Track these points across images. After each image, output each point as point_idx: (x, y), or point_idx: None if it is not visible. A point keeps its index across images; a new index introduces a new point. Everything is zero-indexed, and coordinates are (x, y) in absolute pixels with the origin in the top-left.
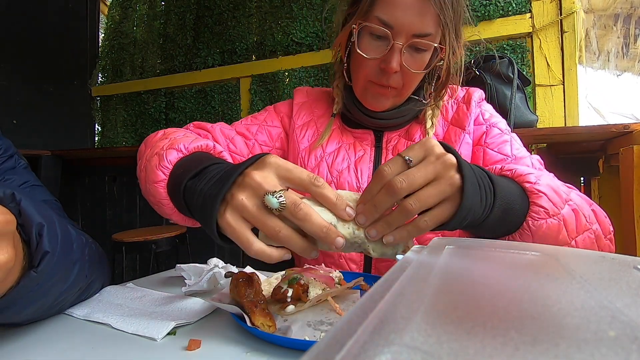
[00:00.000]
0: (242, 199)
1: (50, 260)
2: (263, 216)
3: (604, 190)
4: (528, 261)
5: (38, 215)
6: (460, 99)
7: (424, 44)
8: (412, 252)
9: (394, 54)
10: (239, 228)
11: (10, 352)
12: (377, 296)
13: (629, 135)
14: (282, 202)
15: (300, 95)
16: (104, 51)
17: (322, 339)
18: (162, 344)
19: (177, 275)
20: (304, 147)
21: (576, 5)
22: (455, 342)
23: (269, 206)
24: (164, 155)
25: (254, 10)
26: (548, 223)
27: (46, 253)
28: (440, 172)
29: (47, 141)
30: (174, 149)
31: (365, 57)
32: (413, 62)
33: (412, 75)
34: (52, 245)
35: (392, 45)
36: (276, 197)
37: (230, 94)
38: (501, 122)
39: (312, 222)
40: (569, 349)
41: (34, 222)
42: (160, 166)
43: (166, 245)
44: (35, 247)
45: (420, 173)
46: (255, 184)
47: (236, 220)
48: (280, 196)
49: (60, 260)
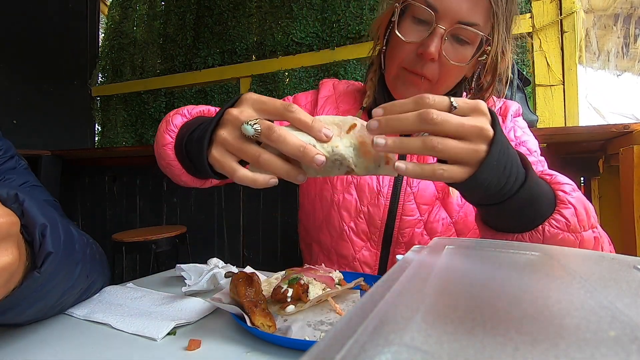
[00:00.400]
0: (223, 133)
1: (53, 261)
2: (242, 144)
3: (604, 190)
4: (528, 261)
5: (41, 216)
6: (497, 109)
7: (469, 34)
8: (412, 252)
9: (434, 38)
10: (223, 159)
11: (11, 352)
12: (377, 296)
13: (629, 135)
14: (257, 128)
15: (326, 89)
16: (104, 51)
17: (322, 339)
18: (162, 344)
19: (177, 275)
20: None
21: (576, 5)
22: (455, 342)
23: (247, 134)
24: (171, 120)
25: (254, 10)
26: (565, 236)
27: (49, 254)
28: (473, 136)
29: (47, 141)
30: (179, 114)
31: (403, 41)
32: (454, 53)
33: (450, 67)
34: (55, 246)
35: (434, 29)
36: (251, 124)
37: (230, 94)
38: (531, 142)
39: (287, 142)
40: (569, 349)
41: (38, 222)
42: (167, 130)
43: (166, 245)
44: (38, 247)
45: (457, 123)
46: (232, 118)
47: (221, 154)
48: (255, 123)
49: (62, 261)
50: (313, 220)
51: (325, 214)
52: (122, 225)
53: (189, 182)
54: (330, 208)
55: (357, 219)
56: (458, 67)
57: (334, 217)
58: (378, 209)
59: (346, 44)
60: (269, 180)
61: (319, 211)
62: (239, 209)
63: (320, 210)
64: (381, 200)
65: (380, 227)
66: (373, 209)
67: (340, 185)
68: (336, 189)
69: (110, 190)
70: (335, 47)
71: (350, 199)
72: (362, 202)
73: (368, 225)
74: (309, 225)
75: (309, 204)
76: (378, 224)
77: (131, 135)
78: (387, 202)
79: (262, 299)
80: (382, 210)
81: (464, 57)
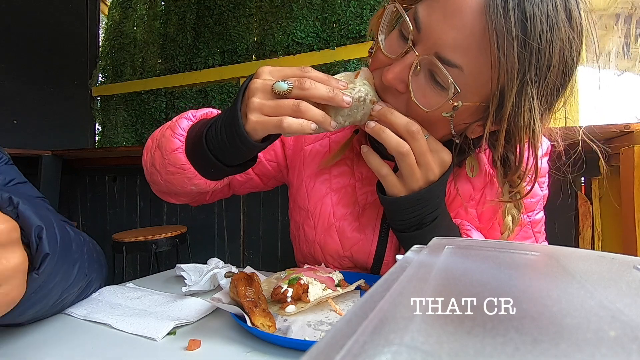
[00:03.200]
0: (255, 100)
1: (51, 262)
2: (279, 102)
3: (604, 190)
4: (528, 261)
5: (36, 218)
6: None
7: (443, 73)
8: (412, 252)
9: (402, 63)
10: (265, 120)
11: (11, 352)
12: (377, 296)
13: (629, 135)
14: (289, 83)
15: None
16: (104, 51)
17: (322, 339)
18: (162, 344)
19: (177, 275)
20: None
21: None
22: (455, 342)
23: (280, 91)
24: (177, 125)
25: (254, 10)
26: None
27: (47, 255)
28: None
29: (47, 141)
30: (184, 118)
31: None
32: (421, 93)
33: (417, 109)
34: (52, 247)
35: (406, 52)
36: (283, 81)
37: (231, 94)
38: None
39: (318, 88)
40: (569, 349)
41: (33, 225)
42: (175, 135)
43: (166, 245)
44: (35, 249)
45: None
46: (260, 85)
47: (260, 117)
48: (285, 80)
49: (60, 261)
50: (299, 248)
51: (310, 250)
52: (123, 225)
53: (201, 184)
54: (313, 246)
55: (341, 260)
56: (424, 114)
57: (317, 254)
58: (363, 255)
59: (347, 43)
60: (311, 125)
61: (304, 245)
62: (239, 209)
63: (305, 245)
64: (366, 247)
65: (367, 269)
66: (357, 255)
67: (321, 225)
68: (316, 228)
69: (110, 190)
70: (335, 47)
71: (331, 242)
72: (345, 247)
73: (354, 265)
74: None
75: (295, 230)
76: (364, 266)
77: (131, 135)
78: (372, 247)
79: (262, 299)
80: (368, 256)
81: (433, 100)
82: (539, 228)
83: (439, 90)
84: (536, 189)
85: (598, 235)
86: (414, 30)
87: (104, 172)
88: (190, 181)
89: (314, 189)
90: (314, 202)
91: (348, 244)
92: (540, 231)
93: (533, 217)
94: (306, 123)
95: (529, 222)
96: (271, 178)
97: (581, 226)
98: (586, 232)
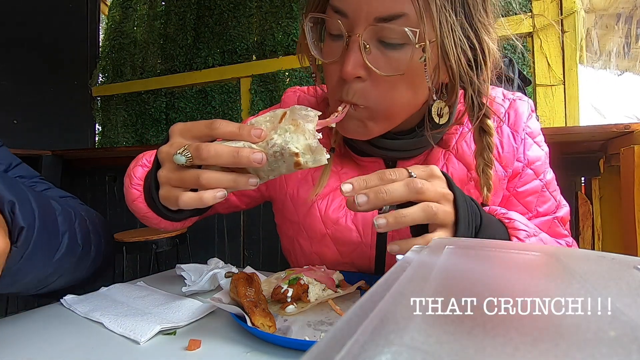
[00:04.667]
0: (162, 172)
1: (28, 235)
2: (181, 174)
3: (604, 190)
4: (528, 261)
5: (8, 192)
6: (504, 117)
7: (394, 31)
8: (412, 252)
9: (351, 52)
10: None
11: (12, 352)
12: (377, 296)
13: (629, 135)
14: (187, 154)
15: (290, 102)
16: (104, 51)
17: (322, 339)
18: (162, 344)
19: (177, 275)
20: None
21: (577, 5)
22: (455, 342)
23: (180, 163)
24: (133, 174)
25: (254, 10)
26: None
27: (22, 228)
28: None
29: (47, 141)
30: (139, 166)
31: (327, 64)
32: (385, 62)
33: (387, 84)
34: (28, 221)
35: (348, 40)
36: (180, 153)
37: (231, 94)
38: (541, 159)
39: (219, 154)
40: (569, 349)
41: (5, 200)
42: (132, 185)
43: (166, 245)
44: (10, 223)
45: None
46: (165, 155)
47: (167, 191)
48: (184, 150)
49: (41, 232)
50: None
51: (308, 262)
52: (123, 225)
53: (168, 227)
54: (310, 257)
55: (342, 267)
56: (400, 83)
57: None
58: (364, 260)
59: None
60: (215, 194)
61: (301, 258)
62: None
63: (302, 258)
64: (365, 251)
65: (369, 273)
66: (358, 261)
67: (313, 235)
68: (311, 240)
69: (110, 190)
70: None
71: (328, 251)
72: (344, 255)
73: (356, 269)
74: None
75: (288, 243)
76: (366, 270)
77: (131, 135)
78: (372, 251)
79: (262, 299)
80: (369, 260)
81: (399, 63)
82: (553, 187)
83: (398, 49)
84: (536, 150)
85: (598, 235)
86: (342, 19)
87: (104, 172)
88: (158, 225)
89: (299, 199)
90: (303, 213)
91: (346, 251)
92: (555, 189)
93: (545, 179)
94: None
95: (543, 185)
96: (251, 199)
97: (581, 226)
98: (586, 232)
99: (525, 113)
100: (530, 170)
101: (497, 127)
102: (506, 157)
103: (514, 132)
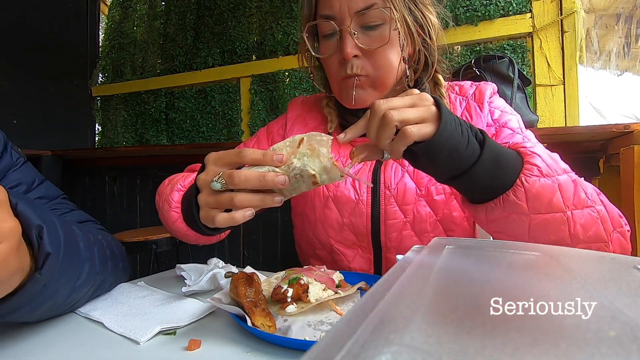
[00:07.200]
0: (201, 197)
1: (54, 262)
2: (217, 198)
3: (604, 190)
4: (528, 261)
5: (36, 217)
6: (470, 96)
7: (372, 16)
8: (412, 252)
9: (345, 39)
10: (206, 215)
11: (13, 352)
12: (377, 296)
13: (629, 135)
14: (222, 181)
15: (295, 108)
16: (104, 51)
17: (322, 339)
18: (162, 344)
19: (177, 275)
20: None
21: (576, 5)
22: (455, 342)
23: (217, 189)
24: (171, 199)
25: (254, 10)
26: (541, 182)
27: (48, 255)
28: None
29: (47, 141)
30: (175, 190)
31: (326, 58)
32: (370, 40)
33: (377, 54)
34: (54, 247)
35: (340, 33)
36: (215, 180)
37: (231, 94)
38: (512, 120)
39: (248, 179)
40: (569, 349)
41: (33, 225)
42: (171, 209)
43: (166, 245)
44: (37, 249)
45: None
46: (202, 182)
47: (206, 212)
48: (219, 177)
49: (65, 260)
50: (305, 238)
51: (313, 232)
52: (122, 225)
53: (207, 242)
54: (315, 226)
55: (342, 232)
56: (386, 51)
57: (320, 234)
58: (360, 218)
59: None
60: (244, 214)
61: (308, 230)
62: None
63: (309, 228)
64: (362, 209)
65: (366, 235)
66: (355, 219)
67: (318, 201)
68: (315, 206)
69: (110, 190)
70: None
71: (331, 213)
72: (343, 214)
73: (355, 235)
74: (303, 244)
75: (299, 224)
76: (363, 232)
77: (131, 135)
78: (368, 209)
79: (262, 299)
80: (365, 218)
81: (382, 38)
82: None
83: (377, 29)
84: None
85: None
86: (332, 21)
87: (104, 172)
88: (197, 242)
89: None
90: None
91: (346, 210)
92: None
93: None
94: (238, 215)
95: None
96: None
97: None
98: None
99: (488, 91)
100: (508, 130)
101: (465, 105)
102: (476, 124)
103: (479, 104)
